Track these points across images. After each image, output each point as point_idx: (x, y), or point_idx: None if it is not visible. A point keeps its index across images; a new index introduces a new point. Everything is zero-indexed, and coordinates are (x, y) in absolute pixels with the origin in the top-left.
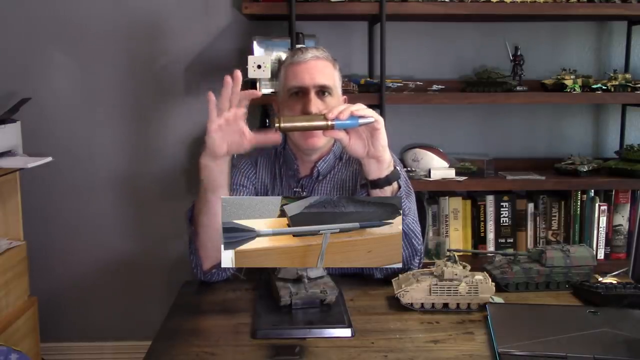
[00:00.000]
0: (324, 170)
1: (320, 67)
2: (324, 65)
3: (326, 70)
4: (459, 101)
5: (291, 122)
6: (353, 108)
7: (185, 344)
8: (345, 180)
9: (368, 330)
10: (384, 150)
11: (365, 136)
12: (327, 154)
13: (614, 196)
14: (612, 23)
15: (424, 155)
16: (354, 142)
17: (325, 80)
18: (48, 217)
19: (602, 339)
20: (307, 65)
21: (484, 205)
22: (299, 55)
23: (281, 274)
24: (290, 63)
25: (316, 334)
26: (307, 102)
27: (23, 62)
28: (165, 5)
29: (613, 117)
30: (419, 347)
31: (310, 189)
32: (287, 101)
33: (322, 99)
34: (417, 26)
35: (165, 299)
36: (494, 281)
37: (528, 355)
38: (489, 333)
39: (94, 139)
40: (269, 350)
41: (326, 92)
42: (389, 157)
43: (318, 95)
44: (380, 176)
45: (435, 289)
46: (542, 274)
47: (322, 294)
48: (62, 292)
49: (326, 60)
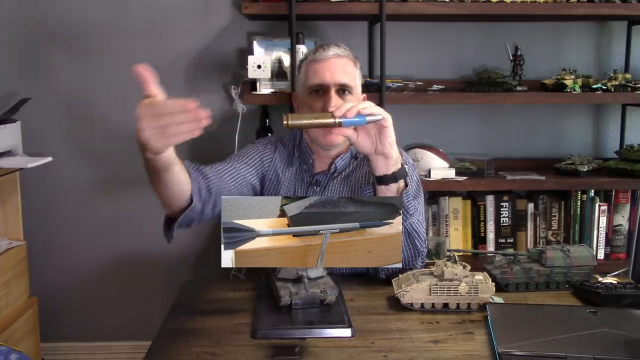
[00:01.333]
0: (340, 166)
1: (342, 65)
2: (345, 63)
3: (347, 68)
4: (459, 101)
5: (299, 119)
6: (360, 106)
7: (185, 344)
8: (357, 179)
9: (368, 330)
10: (391, 147)
11: (373, 133)
12: (345, 151)
13: (614, 196)
14: (612, 23)
15: (424, 155)
16: (362, 138)
17: (346, 78)
18: (48, 217)
19: (602, 339)
20: (328, 63)
21: (484, 205)
22: (321, 53)
23: (281, 274)
24: (311, 60)
25: (316, 334)
26: (328, 100)
27: (23, 62)
28: (165, 5)
29: (613, 117)
30: (419, 347)
31: (324, 184)
32: (307, 98)
33: (342, 97)
34: (417, 26)
35: (165, 299)
36: (494, 281)
37: (528, 355)
38: (489, 333)
39: (94, 139)
40: (269, 350)
41: (346, 91)
42: (397, 154)
43: (338, 93)
44: (387, 172)
45: (435, 289)
46: (542, 274)
47: (322, 294)
48: (62, 292)
49: (347, 58)
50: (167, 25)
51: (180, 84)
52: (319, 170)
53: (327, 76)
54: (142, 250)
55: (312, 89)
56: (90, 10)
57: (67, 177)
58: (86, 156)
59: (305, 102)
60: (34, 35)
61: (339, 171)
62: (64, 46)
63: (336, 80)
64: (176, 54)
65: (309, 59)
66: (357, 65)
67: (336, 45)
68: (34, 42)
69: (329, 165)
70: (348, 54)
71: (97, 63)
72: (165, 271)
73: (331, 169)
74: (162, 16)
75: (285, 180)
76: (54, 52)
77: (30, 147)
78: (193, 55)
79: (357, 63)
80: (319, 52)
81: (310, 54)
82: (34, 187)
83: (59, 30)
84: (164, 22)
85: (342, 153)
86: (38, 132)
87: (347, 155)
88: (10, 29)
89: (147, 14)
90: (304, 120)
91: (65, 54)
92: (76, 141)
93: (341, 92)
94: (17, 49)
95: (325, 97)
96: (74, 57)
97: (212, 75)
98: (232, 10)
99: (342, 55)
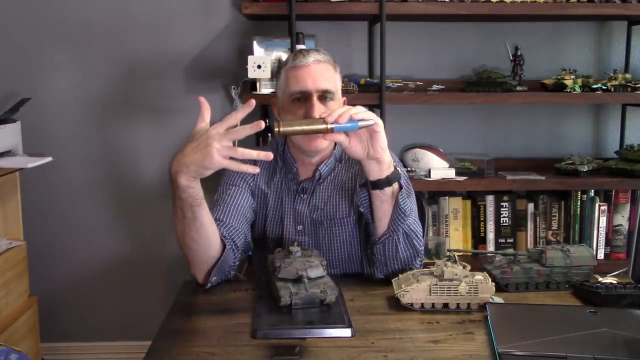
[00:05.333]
0: (325, 172)
1: (322, 70)
2: (325, 68)
3: (328, 74)
4: (459, 101)
5: (291, 126)
6: (352, 111)
7: (185, 344)
8: (345, 182)
9: (368, 330)
10: (383, 151)
11: (365, 138)
12: (328, 156)
13: (614, 196)
14: (612, 23)
15: (424, 155)
16: (354, 144)
17: (327, 84)
18: (48, 217)
19: (602, 339)
20: (308, 69)
21: (484, 205)
22: (301, 59)
23: (281, 274)
24: (291, 67)
25: (316, 334)
26: (310, 107)
27: (23, 62)
28: (165, 5)
29: (613, 117)
30: (419, 347)
31: (310, 191)
32: (289, 106)
33: (324, 104)
34: (417, 26)
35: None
36: (494, 281)
37: (528, 355)
38: (489, 333)
39: (93, 139)
40: (269, 350)
41: (328, 97)
42: (389, 158)
43: (320, 99)
44: (380, 177)
45: (435, 289)
46: (542, 274)
47: (322, 294)
48: (62, 292)
49: (328, 63)
50: (167, 26)
51: (180, 84)
52: (304, 178)
53: (308, 83)
54: (142, 250)
55: (293, 96)
56: (90, 10)
57: (67, 177)
58: (86, 156)
59: (288, 109)
60: (33, 35)
61: (324, 177)
62: (64, 46)
63: (318, 86)
64: (176, 54)
65: (289, 66)
66: (337, 69)
67: (315, 50)
68: (34, 42)
69: (313, 172)
70: (328, 59)
71: (97, 63)
72: (165, 271)
73: (315, 175)
74: (162, 16)
75: (272, 192)
76: (54, 52)
77: (30, 147)
78: (193, 55)
79: (336, 67)
80: (298, 58)
81: (289, 60)
82: (34, 187)
83: (59, 30)
84: (164, 22)
85: (325, 159)
86: (38, 132)
87: (330, 160)
88: (10, 29)
89: (147, 14)
90: (295, 126)
91: (65, 54)
92: (76, 141)
93: (323, 98)
94: (17, 49)
95: (308, 104)
96: (74, 57)
97: (212, 75)
98: (232, 11)
99: (322, 60)
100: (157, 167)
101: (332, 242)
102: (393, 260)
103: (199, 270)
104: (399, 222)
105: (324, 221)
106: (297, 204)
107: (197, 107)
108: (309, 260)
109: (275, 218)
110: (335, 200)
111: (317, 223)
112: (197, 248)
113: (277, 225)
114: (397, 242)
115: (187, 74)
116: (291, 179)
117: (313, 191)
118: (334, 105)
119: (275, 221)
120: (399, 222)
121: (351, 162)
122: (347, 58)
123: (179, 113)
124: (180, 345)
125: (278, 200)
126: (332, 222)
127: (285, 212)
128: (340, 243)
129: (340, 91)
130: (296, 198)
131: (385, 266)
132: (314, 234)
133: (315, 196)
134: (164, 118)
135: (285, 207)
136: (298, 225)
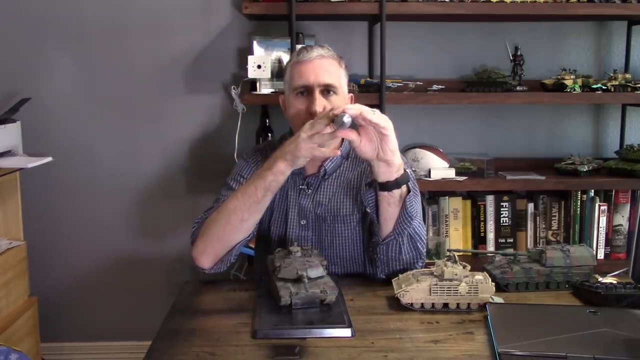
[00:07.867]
0: (330, 169)
1: (326, 65)
2: (329, 63)
3: (331, 68)
4: (459, 101)
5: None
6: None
7: (185, 344)
8: (350, 180)
9: (368, 330)
10: (393, 154)
11: (375, 139)
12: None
13: (614, 196)
14: (612, 23)
15: (424, 155)
16: (365, 143)
17: (330, 79)
18: (48, 217)
19: (602, 339)
20: (312, 64)
21: (484, 205)
22: (304, 54)
23: (281, 274)
24: (295, 62)
25: (316, 334)
26: (312, 101)
27: (23, 62)
28: (165, 5)
29: (613, 117)
30: (419, 347)
31: (315, 187)
32: (294, 100)
33: (327, 98)
34: (417, 26)
35: (165, 299)
36: (494, 281)
37: (528, 355)
38: (489, 333)
39: (94, 139)
40: (269, 350)
41: (331, 91)
42: (399, 161)
43: (323, 94)
44: (389, 179)
45: (435, 289)
46: (542, 274)
47: (322, 294)
48: (62, 292)
49: (331, 58)
50: (167, 25)
51: (180, 84)
52: (309, 173)
53: (310, 77)
54: (142, 250)
55: (297, 90)
56: (90, 10)
57: (67, 177)
58: (86, 156)
59: (292, 104)
60: (33, 35)
61: (329, 173)
62: (64, 46)
63: (320, 80)
64: (176, 54)
65: (293, 61)
66: (341, 64)
67: (320, 46)
68: (34, 42)
69: (318, 168)
70: (332, 54)
71: (97, 63)
72: (165, 271)
73: (320, 172)
74: (162, 16)
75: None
76: (54, 52)
77: (30, 147)
78: (193, 55)
79: (342, 63)
80: (302, 53)
81: (294, 56)
82: (34, 187)
83: (59, 30)
84: (164, 22)
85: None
86: (38, 132)
87: (336, 157)
88: (10, 29)
89: (147, 14)
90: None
91: (65, 54)
92: (76, 141)
93: (326, 92)
94: (17, 49)
95: (310, 98)
96: (74, 57)
97: (212, 75)
98: (232, 10)
99: (325, 55)
100: (157, 167)
101: (334, 239)
102: (395, 261)
103: (214, 253)
104: (405, 225)
105: (328, 217)
106: (302, 199)
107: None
108: (309, 260)
109: (280, 212)
110: (339, 197)
111: (321, 219)
112: (234, 229)
113: (281, 220)
114: (401, 244)
115: (187, 74)
116: (297, 174)
117: (318, 187)
118: (337, 100)
119: (280, 215)
120: (405, 225)
121: (357, 160)
122: (347, 58)
123: (179, 113)
124: (180, 345)
125: (283, 194)
126: (335, 219)
127: (290, 206)
128: (343, 240)
129: (346, 87)
130: (301, 193)
131: (387, 266)
132: (317, 230)
133: (320, 192)
134: (164, 118)
135: (290, 201)
136: (302, 219)
